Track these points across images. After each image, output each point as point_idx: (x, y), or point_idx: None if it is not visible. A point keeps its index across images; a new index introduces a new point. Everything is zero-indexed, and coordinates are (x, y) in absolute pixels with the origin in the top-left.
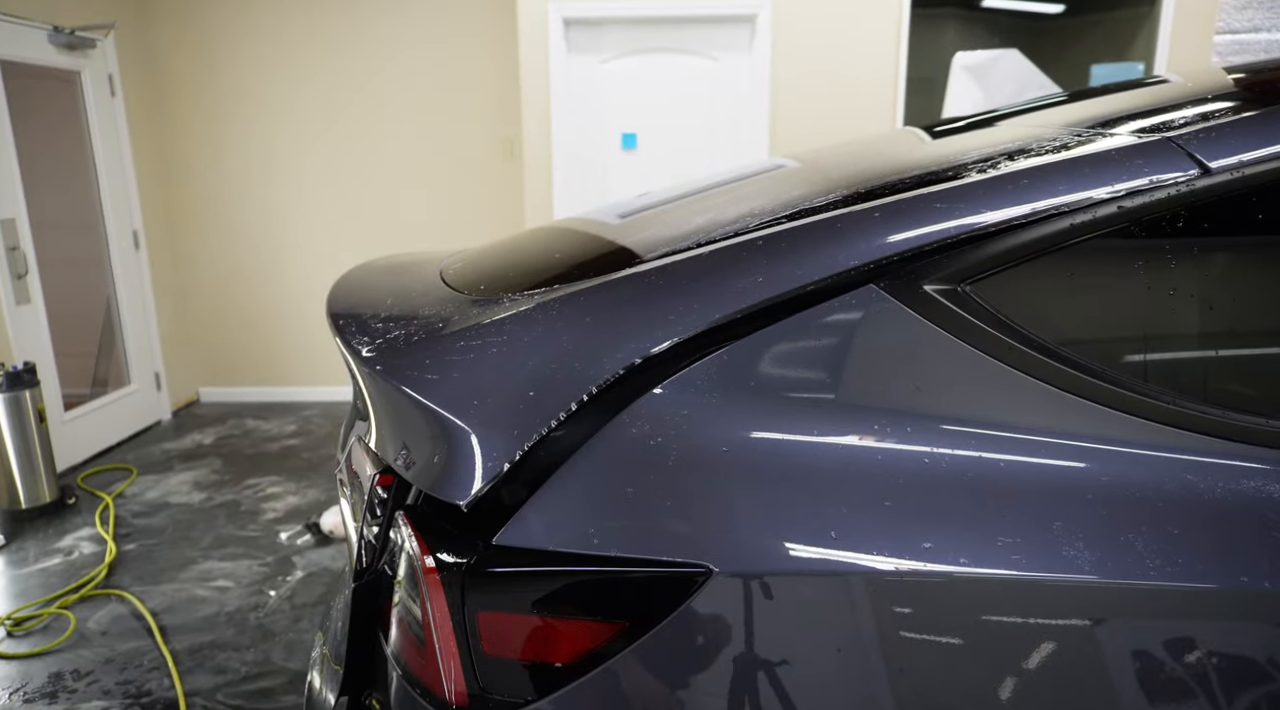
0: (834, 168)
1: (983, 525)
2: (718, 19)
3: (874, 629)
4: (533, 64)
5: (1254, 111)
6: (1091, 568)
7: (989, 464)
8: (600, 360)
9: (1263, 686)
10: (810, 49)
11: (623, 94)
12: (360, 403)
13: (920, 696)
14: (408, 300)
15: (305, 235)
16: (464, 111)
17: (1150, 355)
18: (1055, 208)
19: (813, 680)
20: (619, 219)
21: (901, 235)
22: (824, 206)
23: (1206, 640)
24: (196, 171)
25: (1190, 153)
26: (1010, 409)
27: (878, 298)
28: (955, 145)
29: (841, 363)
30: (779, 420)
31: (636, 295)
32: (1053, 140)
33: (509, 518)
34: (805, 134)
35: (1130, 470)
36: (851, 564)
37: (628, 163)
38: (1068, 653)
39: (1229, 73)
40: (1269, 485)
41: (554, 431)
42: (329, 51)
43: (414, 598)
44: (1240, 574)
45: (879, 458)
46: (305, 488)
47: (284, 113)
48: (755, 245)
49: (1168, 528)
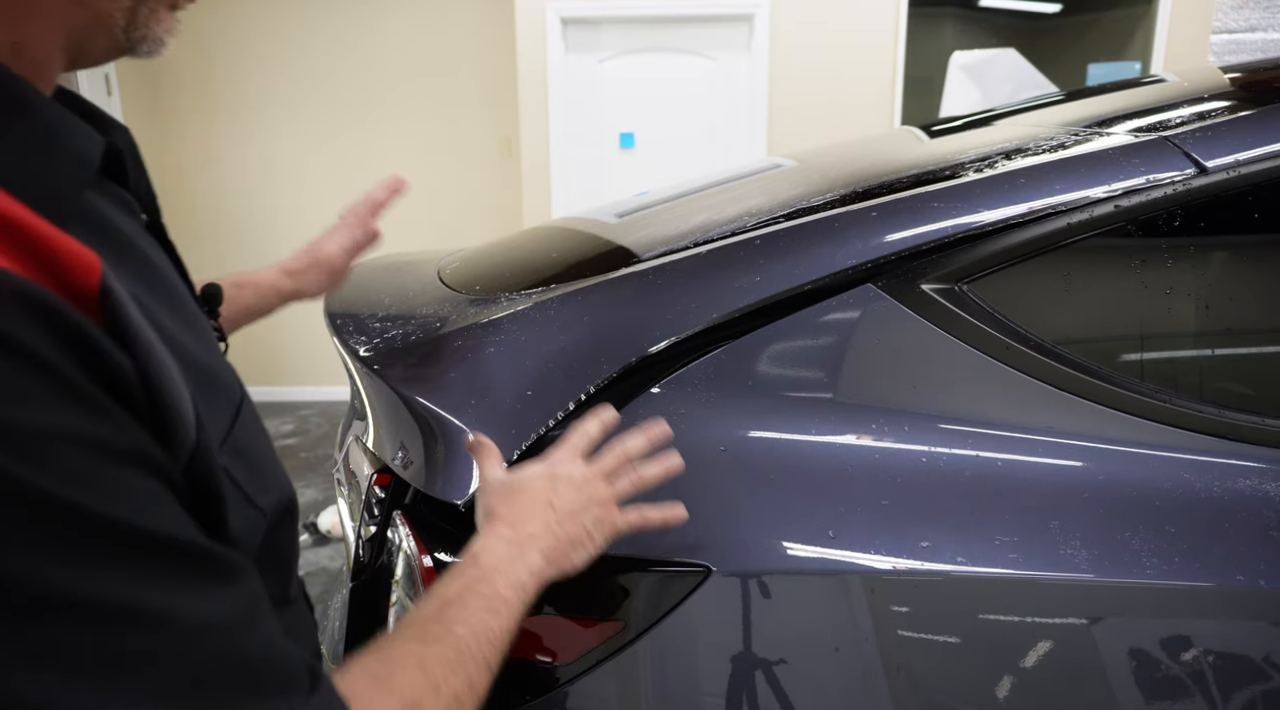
0: (831, 167)
1: (980, 524)
2: (716, 18)
3: (872, 628)
4: (530, 63)
5: (1250, 111)
6: (1088, 566)
7: (986, 463)
8: (598, 360)
9: (1259, 685)
10: (808, 48)
11: (621, 93)
12: (358, 402)
13: (918, 695)
14: (405, 300)
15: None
16: (461, 111)
17: (1147, 354)
18: (1052, 207)
19: (811, 679)
20: (617, 218)
21: (899, 234)
22: (822, 206)
23: (1203, 639)
24: (193, 170)
25: (1187, 152)
26: (1008, 408)
27: (875, 297)
28: (953, 144)
29: (839, 362)
30: (777, 419)
31: (634, 295)
32: (1050, 140)
33: None
34: (803, 133)
35: (1127, 469)
36: (849, 563)
37: (625, 162)
38: (1065, 651)
39: (1225, 72)
40: (1265, 484)
41: (552, 431)
42: (327, 50)
43: (412, 597)
44: (1236, 572)
45: (877, 457)
46: (303, 487)
47: (282, 112)
48: (753, 244)
49: (1164, 526)
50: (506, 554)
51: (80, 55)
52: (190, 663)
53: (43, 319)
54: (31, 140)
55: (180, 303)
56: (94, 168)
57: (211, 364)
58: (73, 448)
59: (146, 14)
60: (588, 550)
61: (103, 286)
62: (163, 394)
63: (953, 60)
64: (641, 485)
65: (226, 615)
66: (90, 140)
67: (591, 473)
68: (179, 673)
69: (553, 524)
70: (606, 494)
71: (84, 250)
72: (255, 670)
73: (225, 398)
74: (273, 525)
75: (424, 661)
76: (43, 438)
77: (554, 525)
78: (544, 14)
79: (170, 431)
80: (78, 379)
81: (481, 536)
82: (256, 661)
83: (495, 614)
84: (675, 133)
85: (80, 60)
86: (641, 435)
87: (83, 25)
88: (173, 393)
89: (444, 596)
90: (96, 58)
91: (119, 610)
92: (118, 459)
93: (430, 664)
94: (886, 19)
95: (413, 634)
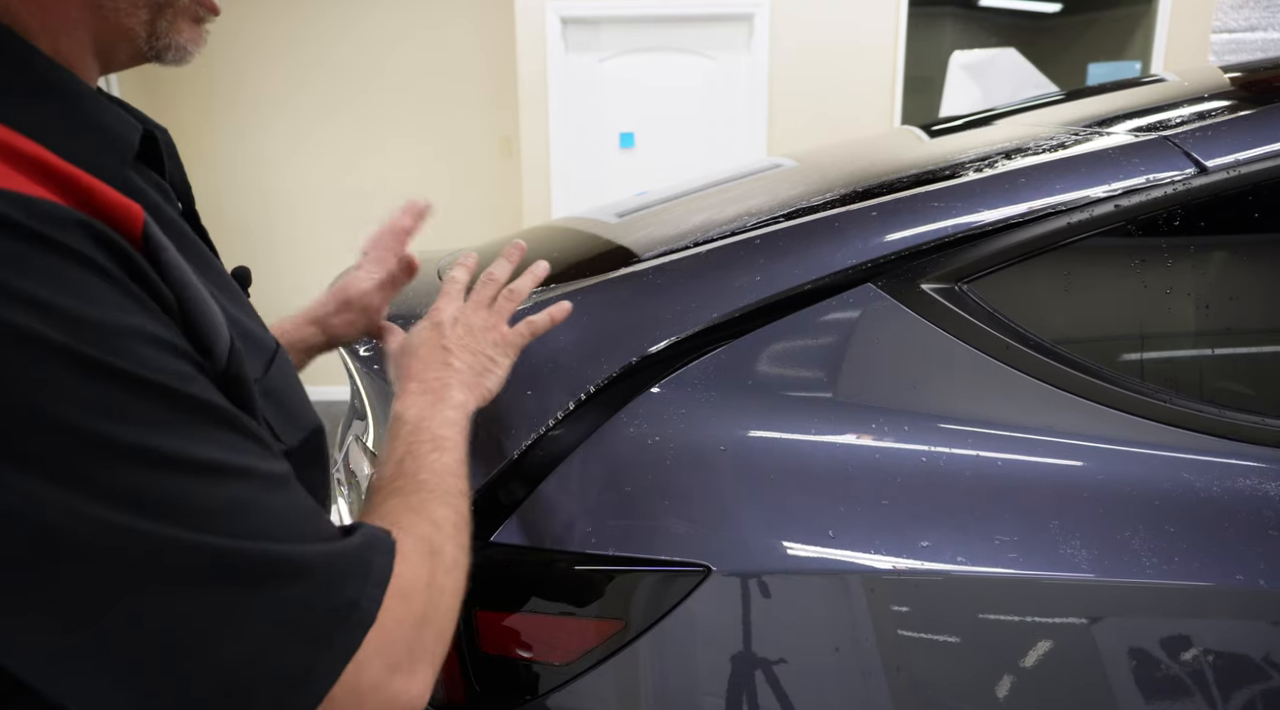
0: (831, 167)
1: (980, 524)
2: (716, 18)
3: (872, 628)
4: (530, 62)
5: (1250, 110)
6: (1088, 566)
7: (986, 462)
8: (598, 359)
9: (1258, 684)
10: (808, 48)
11: (620, 93)
12: (357, 402)
13: (918, 695)
14: (405, 299)
15: (301, 234)
16: (461, 110)
17: (1147, 354)
18: (1052, 206)
19: (811, 679)
20: (617, 218)
21: (899, 234)
22: (822, 205)
23: (1203, 638)
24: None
25: (1187, 152)
26: (1008, 407)
27: (875, 296)
28: (953, 144)
29: (839, 361)
30: (777, 419)
31: (634, 294)
32: (1050, 139)
33: (506, 516)
34: (803, 133)
35: (1127, 468)
36: (849, 563)
37: (625, 162)
38: (1065, 651)
39: (1225, 72)
40: (1265, 483)
41: (551, 430)
42: (327, 50)
43: None
44: (1236, 572)
45: (877, 456)
46: None
47: (280, 111)
48: (753, 244)
49: (1164, 526)
50: (427, 403)
51: (109, 62)
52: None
53: (103, 243)
54: (78, 122)
55: (215, 272)
56: (133, 149)
57: (246, 323)
58: (143, 341)
59: (165, 26)
60: (496, 373)
61: (145, 231)
62: (200, 324)
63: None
64: (517, 298)
65: (285, 473)
66: (129, 126)
67: (469, 306)
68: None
69: (454, 361)
70: (491, 320)
71: (130, 202)
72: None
73: (260, 348)
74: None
75: (412, 507)
76: (120, 332)
77: (455, 362)
78: (544, 13)
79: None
80: (136, 290)
81: (398, 398)
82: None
83: (444, 452)
84: (675, 133)
85: (109, 65)
86: (502, 260)
87: (106, 35)
88: (210, 321)
89: (394, 458)
90: (123, 64)
91: (212, 466)
92: (179, 354)
93: (418, 508)
94: (886, 19)
95: (387, 494)
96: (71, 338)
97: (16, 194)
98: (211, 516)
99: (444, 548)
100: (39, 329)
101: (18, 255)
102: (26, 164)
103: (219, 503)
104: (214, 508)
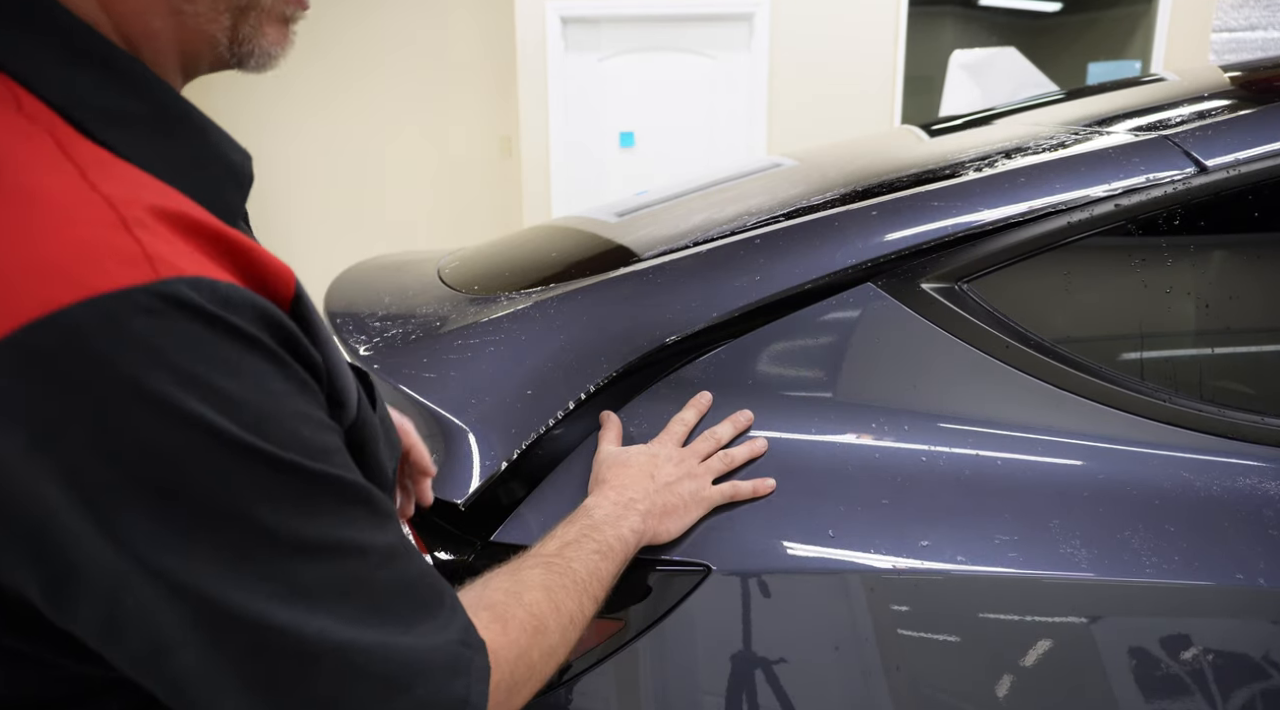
0: (831, 166)
1: (980, 523)
2: (716, 17)
3: (871, 627)
4: (530, 62)
5: (1250, 110)
6: (1088, 565)
7: (986, 462)
8: (598, 359)
9: (1258, 683)
10: (808, 47)
11: (620, 92)
12: None
13: (918, 694)
14: (405, 299)
15: (301, 234)
16: (461, 110)
17: (1147, 353)
18: (1052, 206)
19: (811, 678)
20: (617, 217)
21: (899, 233)
22: (821, 205)
23: (1203, 638)
24: None
25: (1187, 151)
26: (1008, 407)
27: (875, 296)
28: (952, 143)
29: (839, 361)
30: (776, 418)
31: (634, 294)
32: (1050, 138)
33: (507, 516)
34: (803, 132)
35: (1127, 468)
36: (849, 562)
37: (625, 161)
38: (1064, 650)
39: (1225, 71)
40: (1265, 483)
41: (551, 430)
42: (326, 49)
43: None
44: (1236, 572)
45: (876, 456)
46: None
47: (279, 110)
48: (753, 243)
49: (1164, 526)
50: (613, 512)
51: (191, 73)
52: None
53: (268, 323)
54: (208, 157)
55: None
56: (251, 180)
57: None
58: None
59: (249, 30)
60: (682, 519)
61: (296, 293)
62: (340, 384)
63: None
64: (730, 463)
65: (399, 543)
66: (243, 154)
67: (687, 453)
68: (381, 591)
69: (652, 492)
70: (700, 470)
71: (283, 266)
72: (428, 583)
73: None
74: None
75: (548, 585)
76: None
77: (653, 493)
78: (544, 13)
79: (343, 407)
80: (297, 368)
81: (593, 497)
82: (427, 575)
83: (604, 558)
84: (675, 132)
85: (190, 77)
86: (729, 423)
87: (189, 44)
88: (345, 377)
89: (563, 538)
90: (202, 73)
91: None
92: (324, 428)
93: (553, 589)
94: (886, 18)
95: (537, 563)
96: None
97: (201, 279)
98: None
99: (550, 631)
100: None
101: (197, 339)
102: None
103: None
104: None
